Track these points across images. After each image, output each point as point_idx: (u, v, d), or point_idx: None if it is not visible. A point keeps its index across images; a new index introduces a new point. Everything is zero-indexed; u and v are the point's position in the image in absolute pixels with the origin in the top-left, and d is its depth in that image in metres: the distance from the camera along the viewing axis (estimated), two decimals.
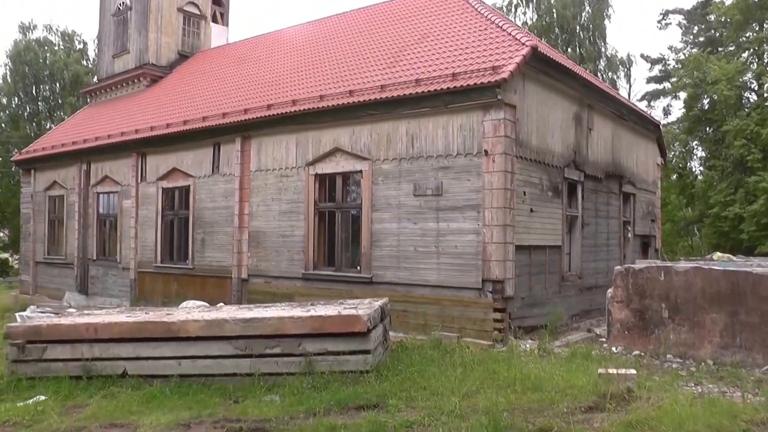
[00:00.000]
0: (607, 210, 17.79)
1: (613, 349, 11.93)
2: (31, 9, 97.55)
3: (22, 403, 9.12)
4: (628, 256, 19.02)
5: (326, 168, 15.56)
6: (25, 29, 55.21)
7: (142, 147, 20.74)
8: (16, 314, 16.84)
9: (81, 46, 57.06)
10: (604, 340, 12.89)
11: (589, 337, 13.77)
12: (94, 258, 22.93)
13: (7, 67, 53.72)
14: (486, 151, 12.73)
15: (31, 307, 18.86)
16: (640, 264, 12.55)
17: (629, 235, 19.48)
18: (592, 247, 16.74)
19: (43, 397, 9.39)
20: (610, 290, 12.38)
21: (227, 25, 30.31)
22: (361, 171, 14.79)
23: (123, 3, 28.61)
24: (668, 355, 11.28)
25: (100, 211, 23.01)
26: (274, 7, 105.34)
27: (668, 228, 35.68)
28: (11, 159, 33.71)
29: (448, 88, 13.09)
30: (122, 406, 8.78)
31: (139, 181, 20.87)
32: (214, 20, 29.68)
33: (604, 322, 13.17)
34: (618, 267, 12.57)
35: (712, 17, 37.03)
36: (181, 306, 14.48)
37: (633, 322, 11.99)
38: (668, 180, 36.55)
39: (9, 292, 29.03)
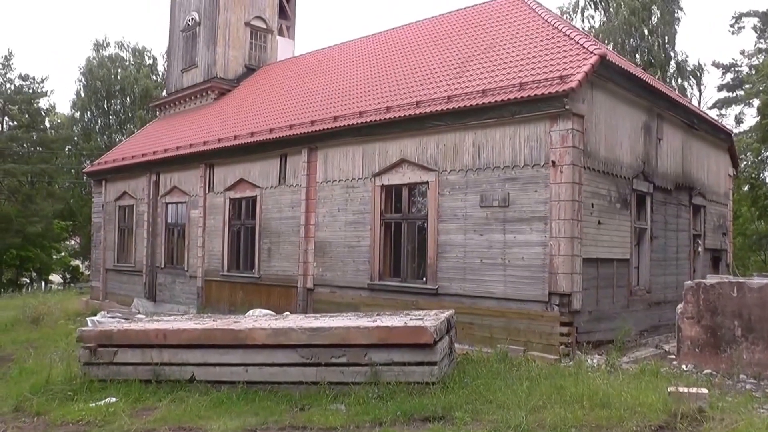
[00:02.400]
0: (677, 223, 17.36)
1: (683, 366, 11.62)
2: (105, 26, 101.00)
3: (94, 404, 9.42)
4: (699, 270, 18.50)
5: (392, 179, 15.61)
6: (98, 46, 57.20)
7: (209, 158, 21.18)
8: (88, 319, 17.36)
9: (151, 61, 58.82)
10: (673, 357, 12.57)
11: (657, 354, 13.46)
12: (162, 266, 23.47)
13: (81, 83, 55.59)
14: (553, 162, 12.58)
15: (102, 312, 19.42)
16: (711, 279, 12.21)
17: (699, 249, 18.96)
18: (661, 261, 16.34)
19: (114, 399, 9.68)
20: (679, 306, 12.06)
21: (293, 39, 30.80)
22: (427, 182, 14.78)
23: (192, 19, 29.34)
24: (741, 376, 10.91)
25: (169, 220, 23.56)
26: (339, 20, 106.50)
27: (740, 242, 34.64)
28: (83, 170, 34.82)
29: (515, 98, 13.00)
30: (190, 410, 8.97)
31: (206, 191, 21.30)
32: (281, 34, 30.18)
33: (674, 339, 12.85)
34: (688, 282, 12.24)
35: None
36: (247, 314, 14.70)
37: (704, 339, 11.65)
38: (740, 191, 35.50)
39: (80, 297, 29.96)
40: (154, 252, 23.87)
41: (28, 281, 53.60)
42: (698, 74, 42.18)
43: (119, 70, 55.96)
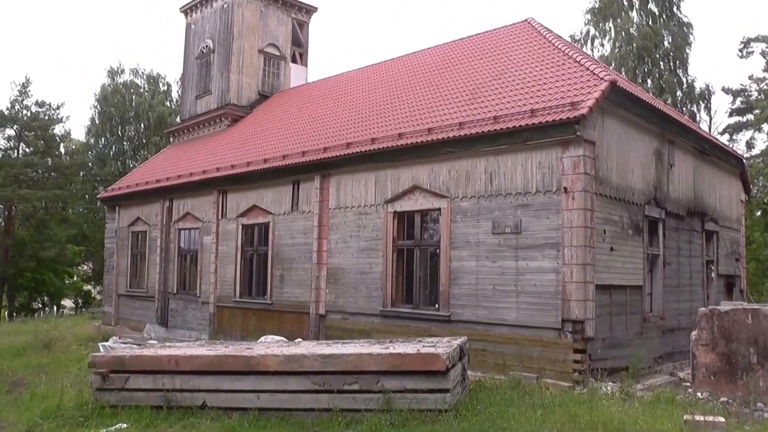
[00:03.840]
0: (690, 249, 17.30)
1: (699, 394, 11.50)
2: (120, 53, 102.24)
3: (105, 430, 9.43)
4: (712, 296, 18.40)
5: (405, 206, 15.66)
6: (113, 73, 57.78)
7: (222, 185, 21.31)
8: (100, 344, 17.41)
9: (165, 87, 59.38)
10: (688, 384, 12.46)
11: (672, 381, 13.35)
12: (175, 292, 23.53)
13: (96, 110, 56.16)
14: (565, 189, 12.60)
15: (114, 338, 19.46)
16: (725, 306, 12.15)
17: (713, 275, 18.86)
18: (674, 287, 16.27)
19: (125, 425, 9.68)
20: (694, 333, 11.98)
21: (306, 65, 31.06)
22: (439, 209, 14.83)
23: (206, 46, 29.71)
24: (759, 404, 10.78)
25: (181, 246, 23.66)
26: (352, 46, 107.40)
27: (753, 267, 34.36)
28: (97, 196, 35.09)
29: (526, 124, 13.07)
30: None
31: (219, 217, 21.41)
32: (294, 60, 30.49)
33: (688, 366, 12.75)
34: (702, 309, 12.17)
35: None
36: (259, 340, 14.69)
37: (719, 366, 11.55)
38: (752, 217, 35.30)
39: (92, 322, 30.01)
40: (166, 278, 23.96)
41: (41, 306, 53.85)
42: (708, 99, 42.18)
43: (134, 97, 56.56)
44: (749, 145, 42.57)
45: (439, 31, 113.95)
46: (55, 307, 53.12)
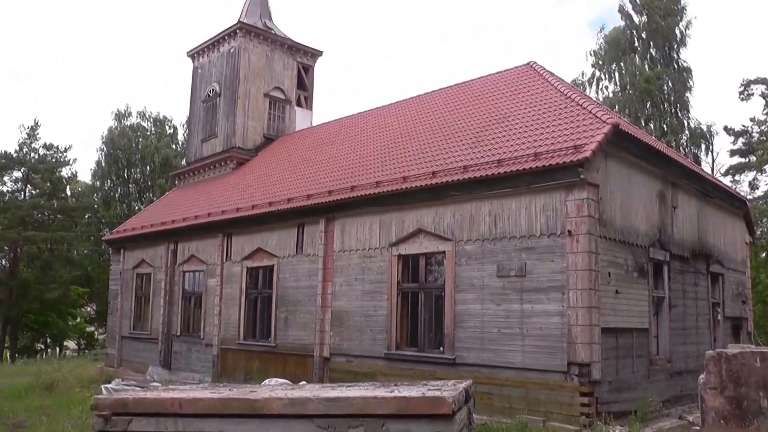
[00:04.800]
0: (695, 291, 17.26)
1: None
2: (127, 96, 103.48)
3: None
4: (719, 339, 18.29)
5: (409, 249, 15.70)
6: (120, 116, 58.35)
7: (228, 227, 21.40)
8: (102, 386, 17.31)
9: (171, 131, 59.86)
10: (698, 428, 12.28)
11: (681, 425, 13.22)
12: (178, 334, 23.47)
13: (102, 152, 56.61)
14: (570, 232, 12.64)
15: (117, 380, 19.37)
16: (733, 349, 12.04)
17: (719, 318, 18.77)
18: (680, 330, 16.20)
19: None
20: (702, 376, 11.86)
21: (311, 109, 31.39)
22: (444, 252, 14.85)
23: (213, 90, 30.08)
24: None
25: (186, 288, 23.67)
26: (356, 89, 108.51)
27: (760, 309, 34.11)
28: (102, 238, 35.20)
29: (530, 168, 13.16)
30: None
31: (224, 260, 21.44)
32: (299, 104, 30.82)
33: (697, 409, 12.58)
34: (709, 351, 12.07)
35: None
36: (263, 383, 14.59)
37: (729, 410, 11.41)
38: (758, 259, 35.19)
39: (94, 364, 29.89)
40: (170, 320, 23.92)
41: (44, 347, 53.66)
42: (710, 140, 42.40)
43: (140, 140, 57.02)
44: (752, 186, 42.70)
45: (442, 74, 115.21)
46: (57, 349, 52.94)
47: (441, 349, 14.73)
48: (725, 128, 43.31)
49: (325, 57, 38.31)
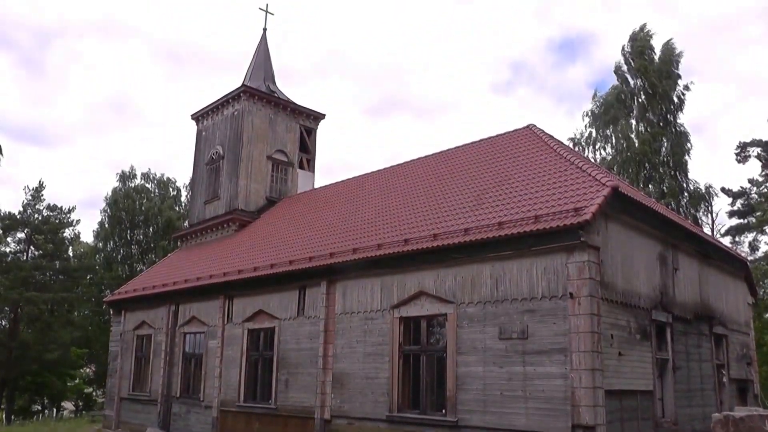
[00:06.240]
0: (699, 353, 17.17)
1: None
2: (132, 157, 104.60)
3: None
4: (725, 402, 18.10)
5: (411, 311, 15.68)
6: (124, 177, 58.83)
7: (229, 289, 21.40)
8: None
9: (174, 192, 60.30)
10: None
11: None
12: (178, 395, 23.26)
13: (106, 214, 56.94)
14: (571, 294, 12.66)
15: None
16: (739, 412, 12.00)
17: (724, 380, 18.61)
18: (685, 392, 16.05)
19: None
20: None
21: (313, 171, 31.71)
22: (445, 314, 14.83)
23: (216, 152, 30.45)
24: None
25: (186, 350, 23.54)
26: (357, 152, 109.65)
27: (766, 371, 33.80)
28: (104, 299, 35.14)
29: (530, 230, 13.23)
30: None
31: (225, 322, 21.39)
32: (301, 166, 31.15)
33: None
34: (716, 415, 12.04)
35: None
36: None
37: None
38: (761, 319, 34.99)
39: (92, 425, 29.56)
40: (170, 381, 23.73)
41: (41, 408, 52.98)
42: (709, 202, 42.56)
43: (144, 201, 57.36)
44: (752, 247, 42.77)
45: (442, 137, 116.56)
46: (54, 409, 52.27)
47: (443, 411, 14.57)
48: (723, 189, 43.65)
49: (328, 119, 38.83)
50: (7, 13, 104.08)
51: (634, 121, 41.48)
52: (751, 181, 43.45)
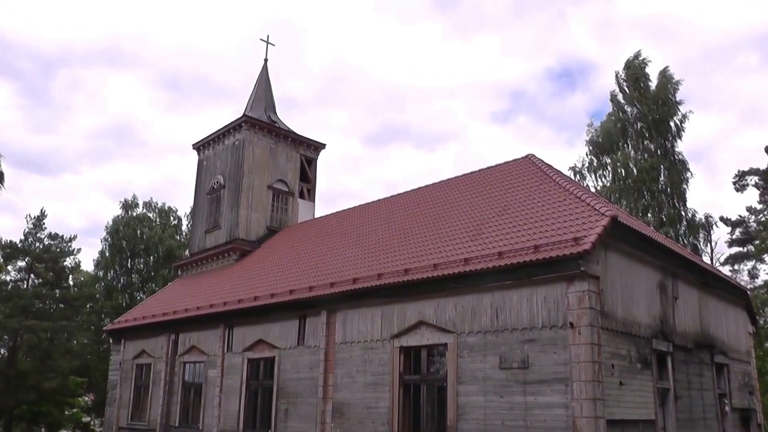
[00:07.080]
0: (701, 382, 17.12)
1: None
2: (133, 186, 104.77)
3: None
4: (728, 431, 18.01)
5: (411, 341, 15.67)
6: (127, 206, 58.93)
7: (229, 319, 21.38)
8: None
9: (175, 221, 60.38)
10: None
11: None
12: (177, 425, 23.15)
13: (107, 242, 56.93)
14: (571, 324, 12.67)
15: None
16: None
17: (727, 409, 18.53)
18: (687, 422, 15.97)
19: None
20: None
21: (314, 200, 31.84)
22: (446, 344, 14.82)
23: (217, 182, 30.59)
24: None
25: (186, 379, 23.48)
26: (357, 183, 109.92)
27: None
28: (103, 329, 35.04)
29: (530, 260, 13.27)
30: None
31: (225, 351, 21.35)
32: (301, 196, 31.28)
33: None
34: None
35: None
36: None
37: None
38: (762, 348, 34.87)
39: None
40: (169, 410, 23.63)
41: None
42: (709, 230, 42.54)
43: (145, 230, 57.43)
44: (752, 275, 42.76)
45: (441, 167, 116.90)
46: None
47: None
48: (721, 218, 43.73)
49: (328, 148, 39.03)
50: (12, 43, 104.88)
51: (631, 149, 41.50)
52: (749, 209, 43.57)
